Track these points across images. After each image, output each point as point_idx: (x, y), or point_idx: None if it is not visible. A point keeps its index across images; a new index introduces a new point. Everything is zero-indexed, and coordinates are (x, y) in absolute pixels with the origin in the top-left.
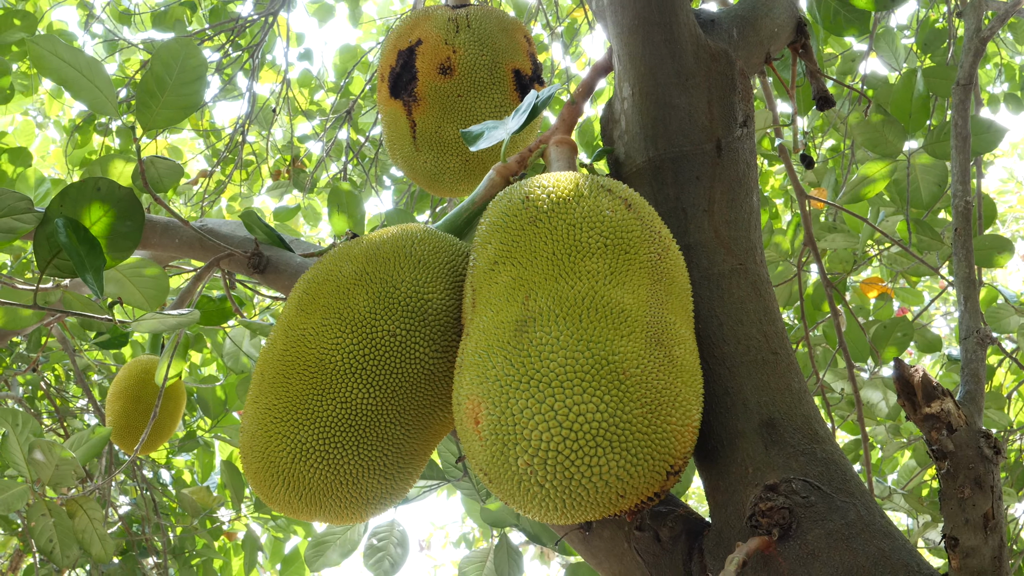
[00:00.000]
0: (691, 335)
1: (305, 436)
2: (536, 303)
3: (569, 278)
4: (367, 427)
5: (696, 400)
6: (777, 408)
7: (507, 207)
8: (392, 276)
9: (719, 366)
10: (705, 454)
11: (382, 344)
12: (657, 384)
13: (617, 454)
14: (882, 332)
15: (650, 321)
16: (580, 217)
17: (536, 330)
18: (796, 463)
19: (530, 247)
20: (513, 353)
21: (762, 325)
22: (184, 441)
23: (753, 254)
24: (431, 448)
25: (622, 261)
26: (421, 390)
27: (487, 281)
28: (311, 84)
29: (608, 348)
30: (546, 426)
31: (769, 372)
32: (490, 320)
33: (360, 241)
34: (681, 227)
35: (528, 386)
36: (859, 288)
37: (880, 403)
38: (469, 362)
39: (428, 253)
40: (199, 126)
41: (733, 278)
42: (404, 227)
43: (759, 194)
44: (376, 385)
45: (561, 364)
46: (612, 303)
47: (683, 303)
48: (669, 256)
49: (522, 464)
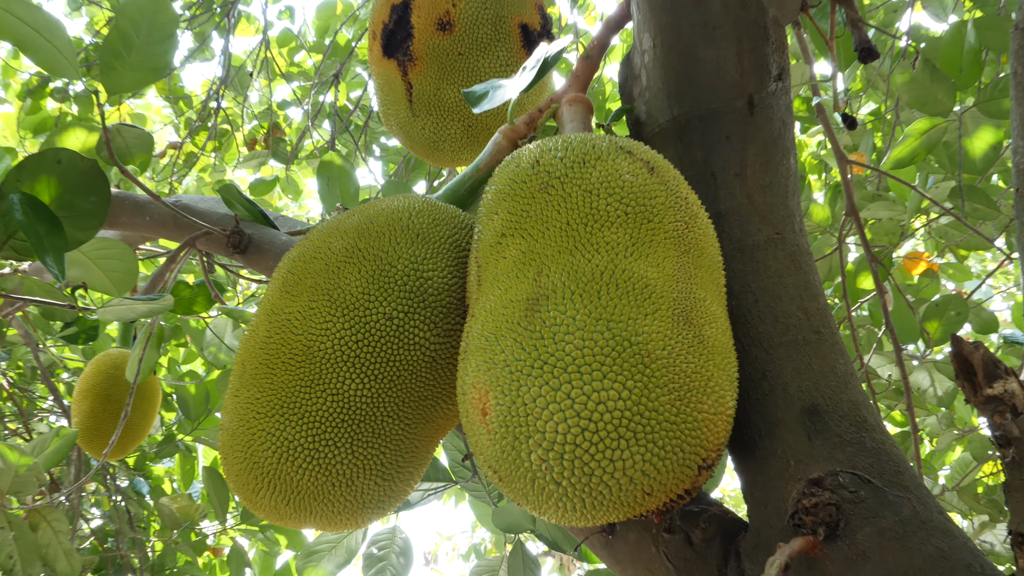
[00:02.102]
0: (723, 313)
1: (292, 433)
2: (549, 279)
3: (586, 250)
4: (361, 422)
5: (730, 385)
6: (820, 393)
7: (515, 173)
8: (387, 252)
9: (755, 347)
10: (741, 445)
11: (377, 328)
12: (686, 367)
13: (642, 446)
14: (933, 311)
15: (677, 297)
16: (597, 182)
17: (549, 309)
18: (843, 454)
19: (541, 217)
20: (524, 335)
21: (802, 301)
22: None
23: (791, 222)
24: (434, 445)
25: (645, 231)
26: (422, 379)
27: (494, 256)
28: (292, 44)
29: (630, 328)
30: (562, 416)
31: (811, 353)
32: (498, 299)
33: (351, 214)
34: (710, 193)
35: (541, 371)
36: (901, 264)
37: (931, 390)
38: (475, 346)
39: (427, 226)
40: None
41: (769, 249)
42: (400, 198)
43: (796, 156)
44: (371, 374)
45: (578, 346)
46: (634, 278)
47: (714, 277)
48: (697, 225)
49: (536, 459)
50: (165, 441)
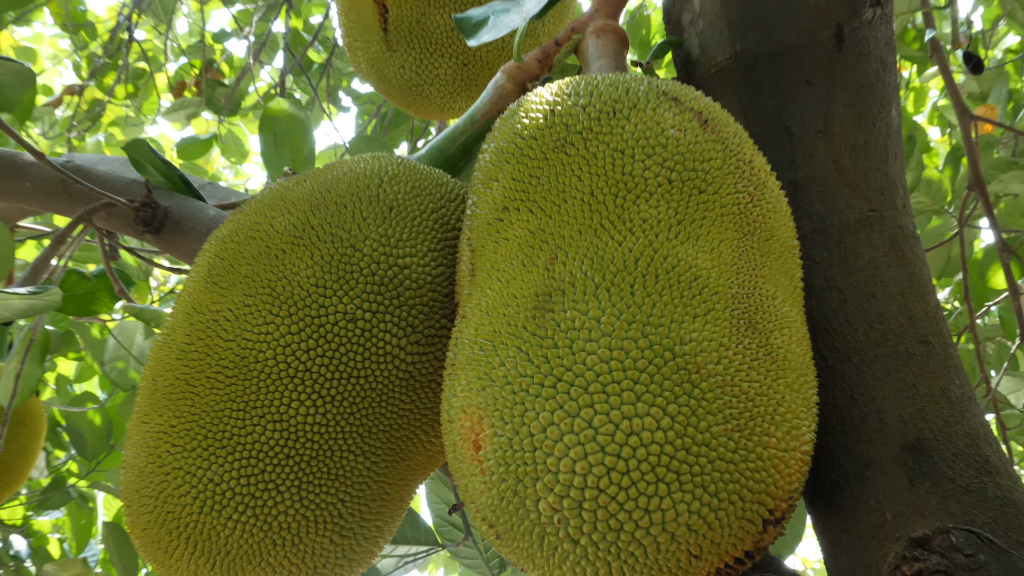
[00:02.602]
0: (799, 315)
1: (219, 472)
2: (566, 268)
3: (615, 230)
4: (313, 458)
5: (807, 412)
6: (928, 424)
7: (522, 126)
8: (350, 231)
9: (842, 362)
10: (821, 493)
11: (335, 333)
12: (748, 388)
13: (688, 493)
14: None
15: (737, 294)
16: (632, 139)
17: (566, 308)
18: (956, 505)
19: (557, 185)
20: (531, 343)
21: (905, 301)
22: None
23: (892, 195)
24: (411, 491)
25: (695, 204)
26: (394, 401)
27: (493, 237)
28: None
29: (674, 334)
30: (581, 451)
31: (917, 371)
32: (497, 294)
33: (303, 180)
34: (785, 156)
35: (554, 392)
36: None
37: None
38: (466, 358)
39: (404, 196)
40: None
41: (863, 231)
42: (369, 158)
43: (900, 108)
44: (326, 395)
45: (603, 358)
46: (680, 267)
47: (786, 268)
48: (765, 198)
49: (546, 509)
50: (52, 486)
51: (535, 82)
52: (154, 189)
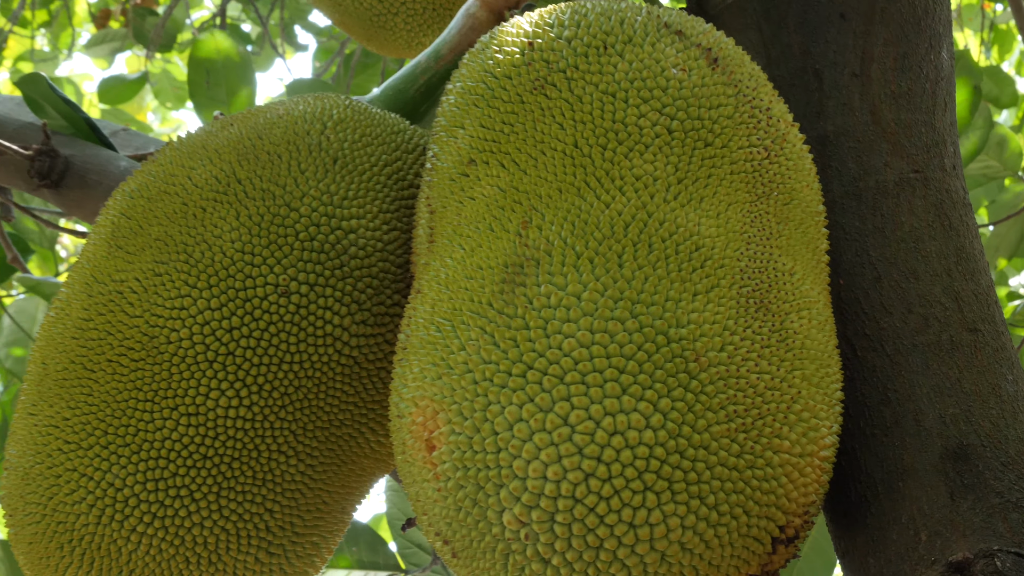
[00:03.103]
0: (823, 295)
1: (121, 476)
2: (542, 233)
3: (602, 189)
4: (235, 460)
5: (828, 410)
6: (974, 427)
7: (495, 63)
8: (285, 186)
9: (873, 352)
10: (845, 508)
11: (264, 309)
12: (757, 381)
13: (682, 505)
14: None
15: (746, 268)
16: (626, 80)
17: (540, 281)
18: (1004, 524)
19: (534, 134)
20: (498, 323)
21: (952, 280)
22: None
23: (940, 154)
24: (355, 499)
25: (699, 160)
26: (335, 392)
27: (456, 196)
28: None
29: (669, 314)
30: (554, 453)
31: (962, 363)
32: (459, 265)
33: (229, 124)
34: (812, 103)
35: (523, 381)
36: None
37: None
38: (420, 340)
39: (352, 146)
40: None
41: (903, 196)
42: (311, 99)
43: (953, 49)
44: (252, 383)
45: (583, 343)
46: (679, 234)
47: (808, 237)
48: (785, 154)
49: (511, 522)
50: None
51: (514, 9)
52: (53, 135)
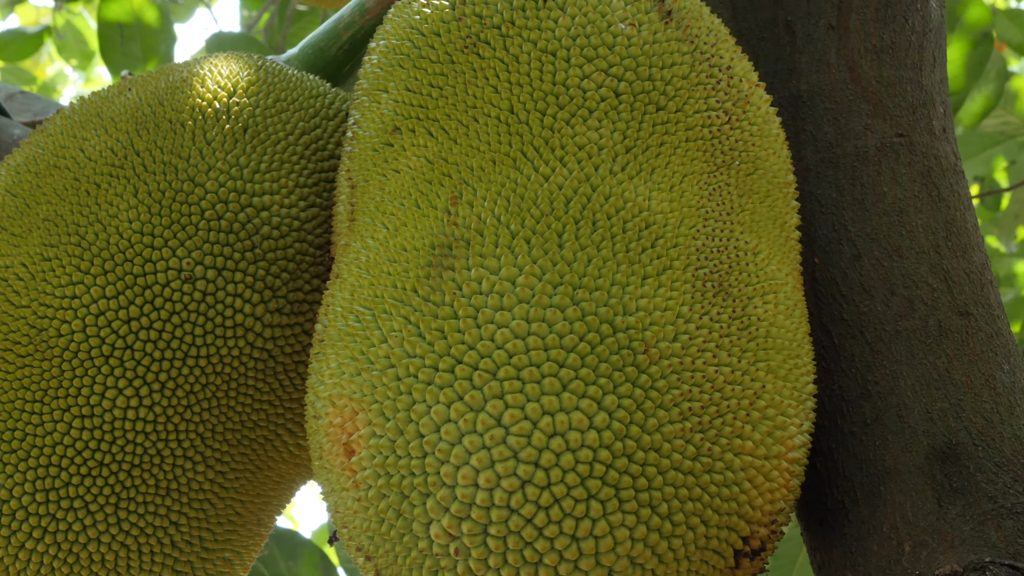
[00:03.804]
0: (792, 276)
1: (6, 485)
2: (473, 210)
3: (541, 160)
4: (135, 467)
5: (797, 407)
6: (965, 423)
7: (422, 17)
8: (189, 159)
9: (852, 340)
10: (820, 516)
11: (166, 297)
12: (715, 374)
13: (630, 515)
14: None
15: (704, 247)
16: (568, 36)
17: (470, 264)
18: (998, 532)
19: (465, 99)
20: (423, 312)
21: (941, 258)
22: None
23: (927, 115)
24: (272, 511)
25: (650, 126)
26: (247, 390)
27: (379, 168)
28: None
29: (615, 300)
30: (486, 458)
31: (952, 352)
32: (381, 246)
33: (127, 89)
34: (784, 60)
35: (452, 378)
36: None
37: None
38: (338, 331)
39: (265, 112)
40: None
41: (886, 162)
42: (220, 61)
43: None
44: (153, 381)
45: (518, 333)
46: (627, 209)
47: (775, 212)
48: (748, 118)
49: (439, 535)
50: None
51: None
52: None
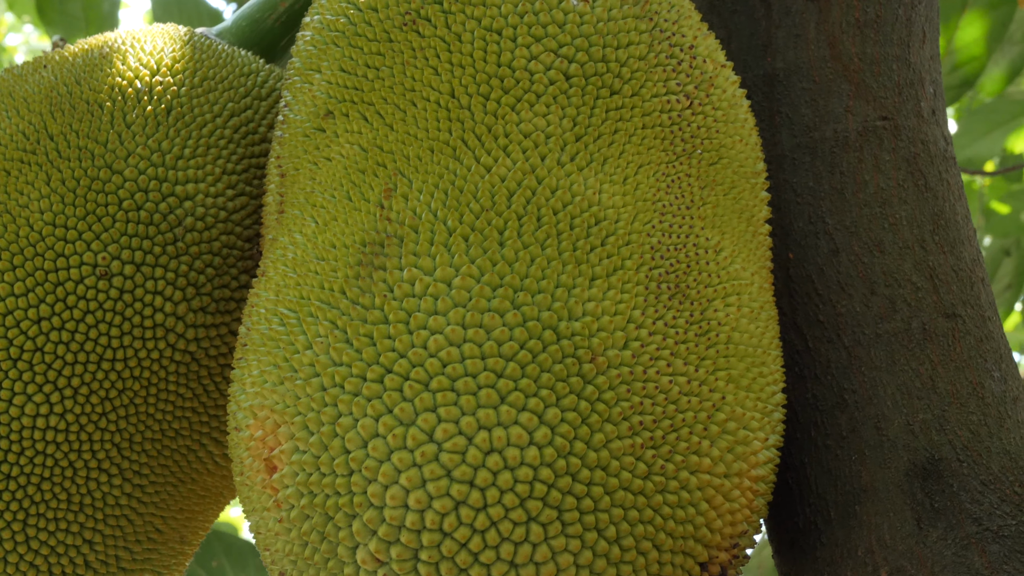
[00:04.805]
0: (759, 275)
1: None
2: (408, 204)
3: (483, 149)
4: (45, 480)
5: (762, 419)
6: (949, 436)
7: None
8: (106, 144)
9: (828, 344)
10: (791, 538)
11: (79, 295)
12: (669, 385)
13: (574, 539)
14: None
15: (659, 244)
16: (514, 14)
17: (403, 264)
18: (982, 557)
19: (403, 81)
20: (351, 316)
21: (926, 253)
22: None
23: (915, 96)
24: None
25: (602, 111)
26: (169, 396)
27: (310, 156)
28: None
29: (560, 304)
30: (417, 476)
31: (936, 357)
32: (309, 242)
33: (41, 66)
34: (758, 35)
35: (381, 389)
36: None
37: None
38: (261, 336)
39: (191, 93)
40: None
41: (868, 148)
42: (143, 34)
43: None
44: (65, 386)
45: (453, 340)
46: (575, 204)
47: (741, 205)
48: (712, 102)
49: (366, 561)
50: None
51: None
52: None
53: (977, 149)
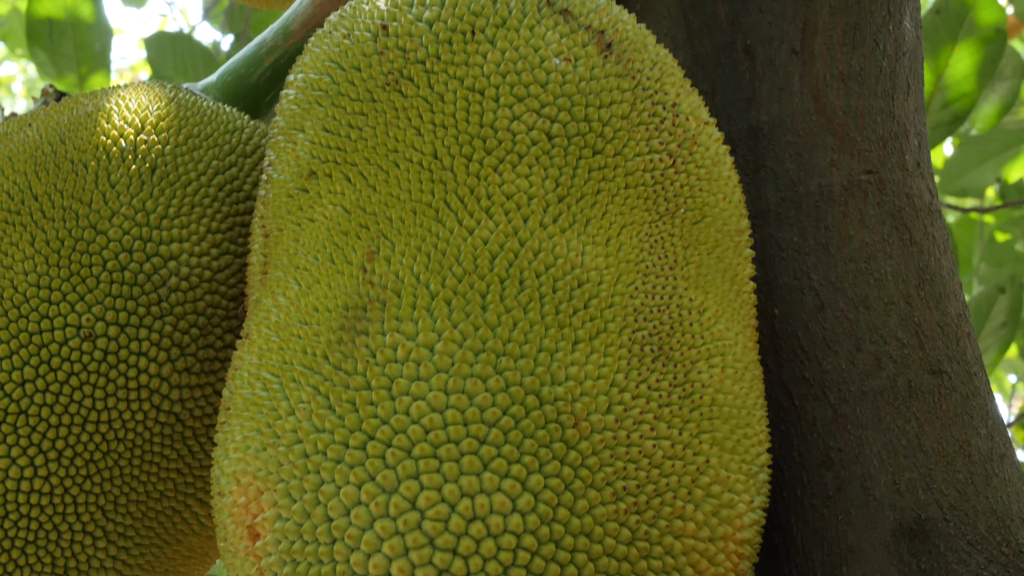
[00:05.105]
0: (743, 335)
1: None
2: (391, 267)
3: (465, 211)
4: (29, 544)
5: (747, 482)
6: (936, 495)
7: (342, 50)
8: (91, 204)
9: (814, 401)
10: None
11: (64, 357)
12: (653, 449)
13: None
14: None
15: (643, 307)
16: (497, 73)
17: (386, 329)
18: None
19: (386, 141)
20: (334, 381)
21: (912, 309)
22: None
23: (900, 148)
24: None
25: (585, 172)
26: (154, 458)
27: (293, 216)
28: None
29: (543, 369)
30: (399, 545)
31: (923, 415)
32: (292, 305)
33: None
34: (742, 89)
35: (363, 456)
36: None
37: None
38: (244, 400)
39: (176, 151)
40: None
41: (853, 202)
42: (130, 91)
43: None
44: (49, 448)
45: (435, 406)
46: (558, 266)
47: (725, 264)
48: (695, 160)
49: None
50: None
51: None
52: None
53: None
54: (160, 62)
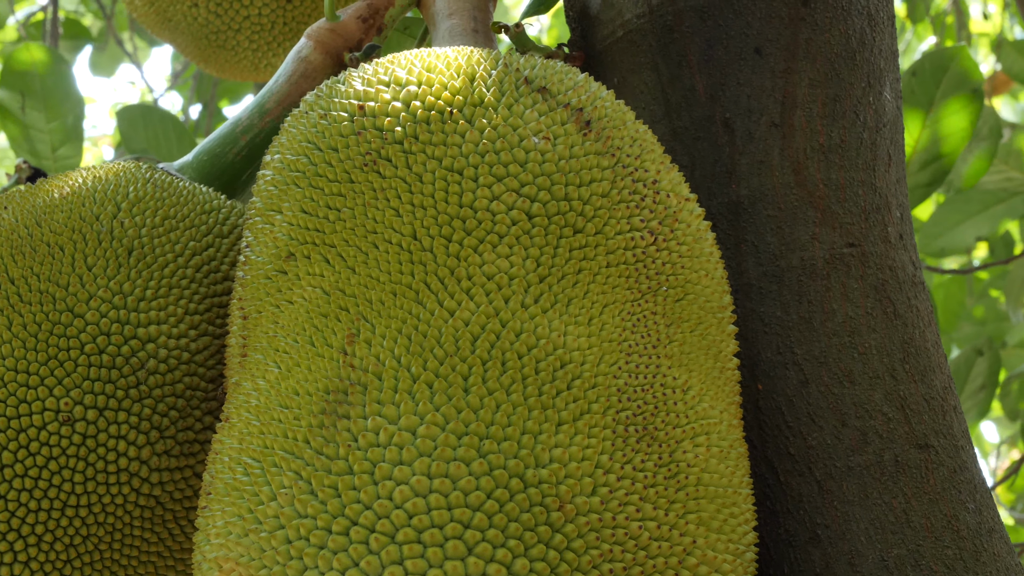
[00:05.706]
0: (727, 412)
1: None
2: (371, 350)
3: (446, 292)
4: None
5: (733, 561)
6: (923, 572)
7: (319, 130)
8: (68, 287)
9: (799, 477)
10: None
11: (42, 442)
12: (639, 531)
13: None
14: None
15: (626, 387)
16: (476, 153)
17: (367, 413)
18: None
19: (365, 223)
20: (316, 466)
21: (897, 383)
22: None
23: (882, 221)
24: None
25: (566, 251)
26: (134, 542)
27: (272, 299)
28: None
29: (527, 452)
30: None
31: (910, 490)
32: (272, 389)
33: (3, 207)
34: (722, 163)
35: (347, 542)
36: None
37: None
38: (225, 485)
39: (151, 232)
40: None
41: (835, 277)
42: (105, 172)
43: (899, 85)
44: (28, 533)
45: (418, 491)
46: (540, 347)
47: (708, 342)
48: (676, 237)
49: None
50: None
51: (356, 53)
52: None
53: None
54: (131, 134)
